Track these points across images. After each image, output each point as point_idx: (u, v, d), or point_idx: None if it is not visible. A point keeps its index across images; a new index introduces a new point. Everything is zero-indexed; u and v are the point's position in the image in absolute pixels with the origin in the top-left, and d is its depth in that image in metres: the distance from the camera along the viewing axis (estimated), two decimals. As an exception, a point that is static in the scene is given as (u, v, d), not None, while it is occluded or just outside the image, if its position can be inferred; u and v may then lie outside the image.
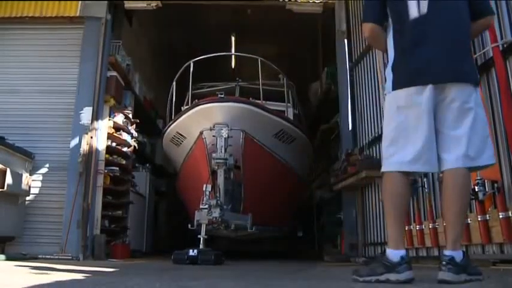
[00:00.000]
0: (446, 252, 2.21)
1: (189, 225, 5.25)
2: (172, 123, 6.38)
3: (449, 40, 2.40)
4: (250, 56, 7.26)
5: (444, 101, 2.36)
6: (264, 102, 6.59)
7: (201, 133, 5.59)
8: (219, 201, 4.91)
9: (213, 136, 5.32)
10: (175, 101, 6.97)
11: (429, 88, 2.34)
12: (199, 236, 4.89)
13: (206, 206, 4.84)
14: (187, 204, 7.21)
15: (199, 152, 5.81)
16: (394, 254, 2.25)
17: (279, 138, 6.30)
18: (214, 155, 5.20)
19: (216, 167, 5.24)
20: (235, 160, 5.38)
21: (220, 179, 5.19)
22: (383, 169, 2.48)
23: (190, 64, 6.60)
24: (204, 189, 4.96)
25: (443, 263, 2.17)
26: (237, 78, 8.47)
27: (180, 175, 7.46)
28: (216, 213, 4.81)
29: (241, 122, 5.54)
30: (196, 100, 6.08)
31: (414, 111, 2.36)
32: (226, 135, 5.23)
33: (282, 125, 6.33)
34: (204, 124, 5.52)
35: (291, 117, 7.35)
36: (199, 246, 4.77)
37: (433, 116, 2.36)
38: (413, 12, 2.44)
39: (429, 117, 2.35)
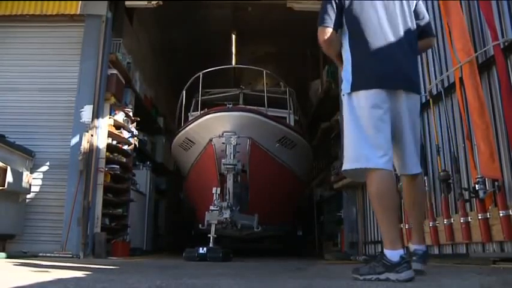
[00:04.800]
0: (418, 247, 2.49)
1: (200, 225, 5.61)
2: (182, 129, 6.82)
3: (407, 53, 2.60)
4: (255, 68, 7.92)
5: (401, 109, 2.52)
6: (267, 109, 7.05)
7: (211, 140, 6.01)
8: (229, 203, 5.30)
9: (223, 143, 5.72)
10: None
11: (388, 93, 2.48)
12: (209, 235, 5.25)
13: (217, 208, 5.24)
14: (196, 205, 7.47)
15: (208, 157, 6.21)
16: (393, 254, 2.26)
17: (282, 143, 6.75)
18: (223, 160, 5.60)
19: (226, 172, 5.62)
20: (242, 165, 5.80)
21: (230, 183, 5.56)
22: (349, 166, 2.50)
23: (199, 75, 7.21)
24: (213, 192, 5.39)
25: (417, 256, 2.46)
26: (241, 86, 8.99)
27: (188, 178, 7.79)
28: (227, 214, 5.23)
29: (248, 129, 5.96)
30: (206, 109, 6.55)
31: (374, 112, 2.45)
32: (235, 142, 5.63)
33: (284, 131, 6.79)
34: (213, 132, 5.94)
35: (292, 124, 7.87)
36: (208, 245, 5.12)
37: (391, 121, 2.49)
38: (376, 22, 2.59)
39: (388, 120, 2.47)
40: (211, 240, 5.20)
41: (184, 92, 7.56)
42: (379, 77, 2.49)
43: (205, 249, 4.99)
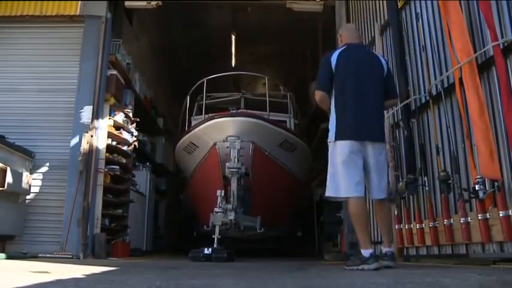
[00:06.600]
0: (387, 249, 3.55)
1: (204, 226, 5.71)
2: (186, 133, 6.97)
3: (375, 111, 3.64)
4: (257, 74, 8.28)
5: (369, 153, 3.54)
6: (269, 114, 7.22)
7: (215, 144, 6.15)
8: (233, 206, 5.45)
9: (227, 147, 5.85)
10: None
11: (361, 143, 3.50)
12: (213, 236, 5.38)
13: (222, 210, 5.40)
14: (199, 207, 7.58)
15: (212, 161, 6.35)
16: (365, 252, 3.35)
17: (283, 147, 6.90)
18: (228, 164, 5.74)
19: (230, 175, 5.74)
20: (245, 168, 5.94)
21: (234, 186, 5.69)
22: (331, 194, 3.60)
23: (204, 81, 7.39)
24: (218, 194, 5.54)
25: (388, 256, 3.50)
26: (242, 90, 9.08)
27: (191, 180, 7.89)
28: (231, 216, 5.39)
29: (251, 134, 6.11)
30: (209, 113, 6.83)
31: (351, 156, 3.48)
32: (239, 146, 5.77)
33: (285, 135, 6.96)
34: (217, 136, 6.09)
35: (292, 127, 8.08)
36: (212, 245, 5.23)
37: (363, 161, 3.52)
38: (352, 86, 3.56)
39: (360, 162, 3.51)
40: (215, 241, 5.30)
41: (188, 97, 7.75)
42: (353, 132, 3.50)
43: (210, 249, 5.13)
